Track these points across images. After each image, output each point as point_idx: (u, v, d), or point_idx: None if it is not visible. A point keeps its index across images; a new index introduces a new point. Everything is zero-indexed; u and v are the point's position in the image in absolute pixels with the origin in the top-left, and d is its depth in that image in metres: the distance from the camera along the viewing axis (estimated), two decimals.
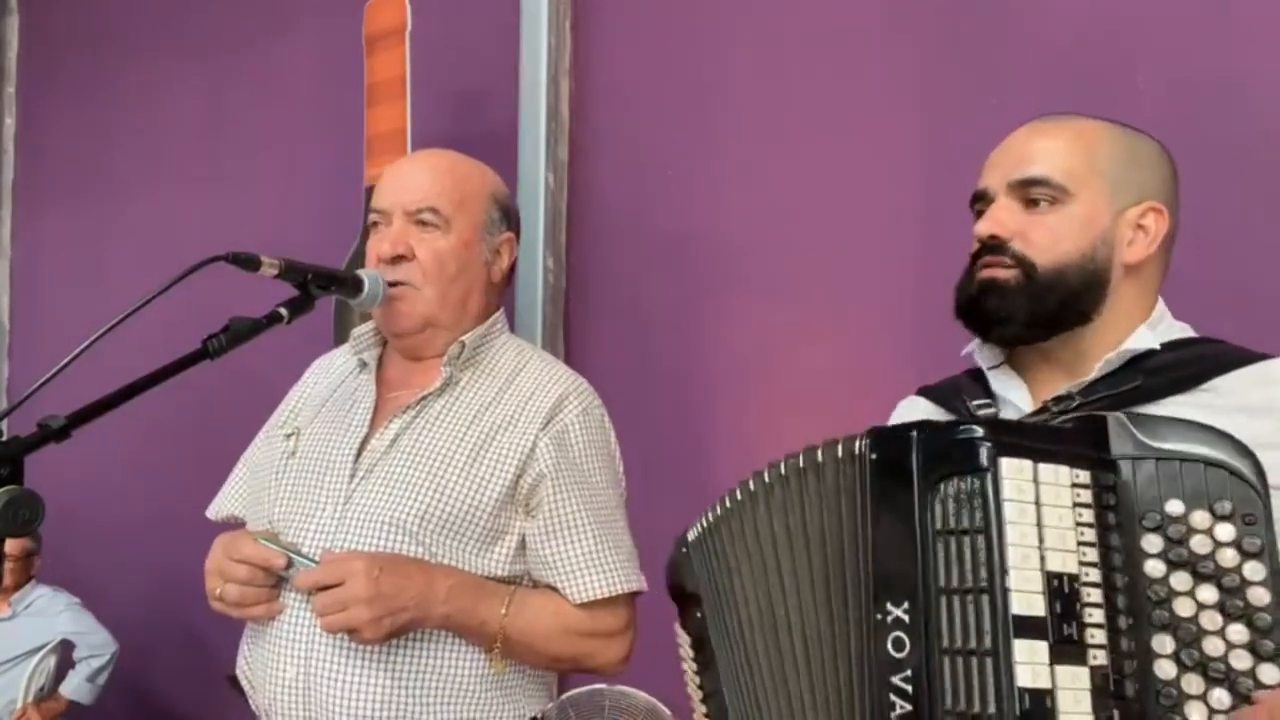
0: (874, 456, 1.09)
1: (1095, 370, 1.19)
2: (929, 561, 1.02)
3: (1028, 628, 0.97)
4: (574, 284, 2.65)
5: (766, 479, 1.19)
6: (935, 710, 0.99)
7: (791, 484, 1.17)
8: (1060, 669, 0.97)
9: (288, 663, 1.56)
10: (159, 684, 3.89)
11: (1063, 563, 0.99)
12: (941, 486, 1.03)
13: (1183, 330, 1.26)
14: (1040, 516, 1.00)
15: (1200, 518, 1.01)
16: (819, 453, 1.15)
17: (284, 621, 1.57)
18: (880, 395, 2.12)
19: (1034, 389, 1.26)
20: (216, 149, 3.66)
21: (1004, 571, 0.98)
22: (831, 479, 1.13)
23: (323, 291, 1.56)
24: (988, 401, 1.26)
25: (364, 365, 1.72)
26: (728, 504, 1.22)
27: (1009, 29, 2.09)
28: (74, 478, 2.90)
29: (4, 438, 1.28)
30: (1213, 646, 0.99)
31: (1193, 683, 0.99)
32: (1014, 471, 1.01)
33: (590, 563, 1.59)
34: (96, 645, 3.67)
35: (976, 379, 1.33)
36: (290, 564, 1.54)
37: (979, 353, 1.31)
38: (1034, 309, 1.20)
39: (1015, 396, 1.25)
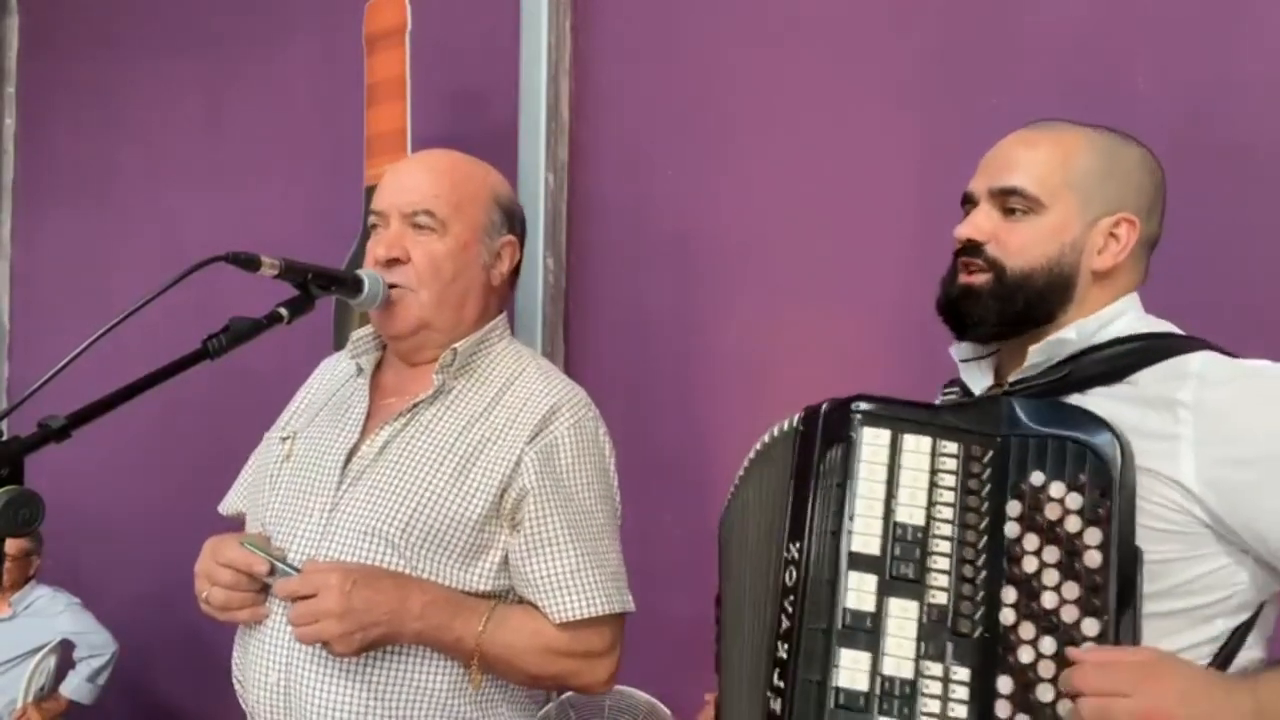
0: (801, 429, 1.32)
1: (1027, 360, 1.30)
2: (813, 510, 1.25)
3: (862, 563, 1.18)
4: (574, 284, 2.65)
5: (756, 450, 1.42)
6: (801, 625, 1.21)
7: (763, 456, 1.39)
8: (891, 600, 1.16)
9: (270, 667, 1.55)
10: (159, 684, 3.89)
11: (910, 515, 1.19)
12: (829, 451, 1.25)
13: (1150, 325, 1.32)
14: (895, 476, 1.20)
15: (1056, 488, 1.16)
16: (780, 426, 1.36)
17: (269, 627, 1.56)
18: (878, 393, 2.11)
19: (1002, 379, 1.37)
20: (216, 149, 3.66)
21: (850, 517, 1.20)
22: (778, 450, 1.35)
23: (323, 291, 1.55)
24: (954, 390, 1.41)
25: (360, 370, 1.71)
26: (740, 472, 1.43)
27: (1008, 29, 2.09)
28: (74, 478, 2.90)
29: (4, 438, 1.28)
30: (1048, 599, 1.13)
31: (1027, 629, 1.13)
32: (872, 438, 1.22)
33: (571, 582, 1.55)
34: (96, 645, 3.67)
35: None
36: (273, 570, 1.53)
37: (956, 349, 1.42)
38: (1003, 309, 1.31)
39: (978, 388, 1.37)
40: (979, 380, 1.37)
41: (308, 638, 1.48)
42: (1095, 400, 1.23)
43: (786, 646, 1.22)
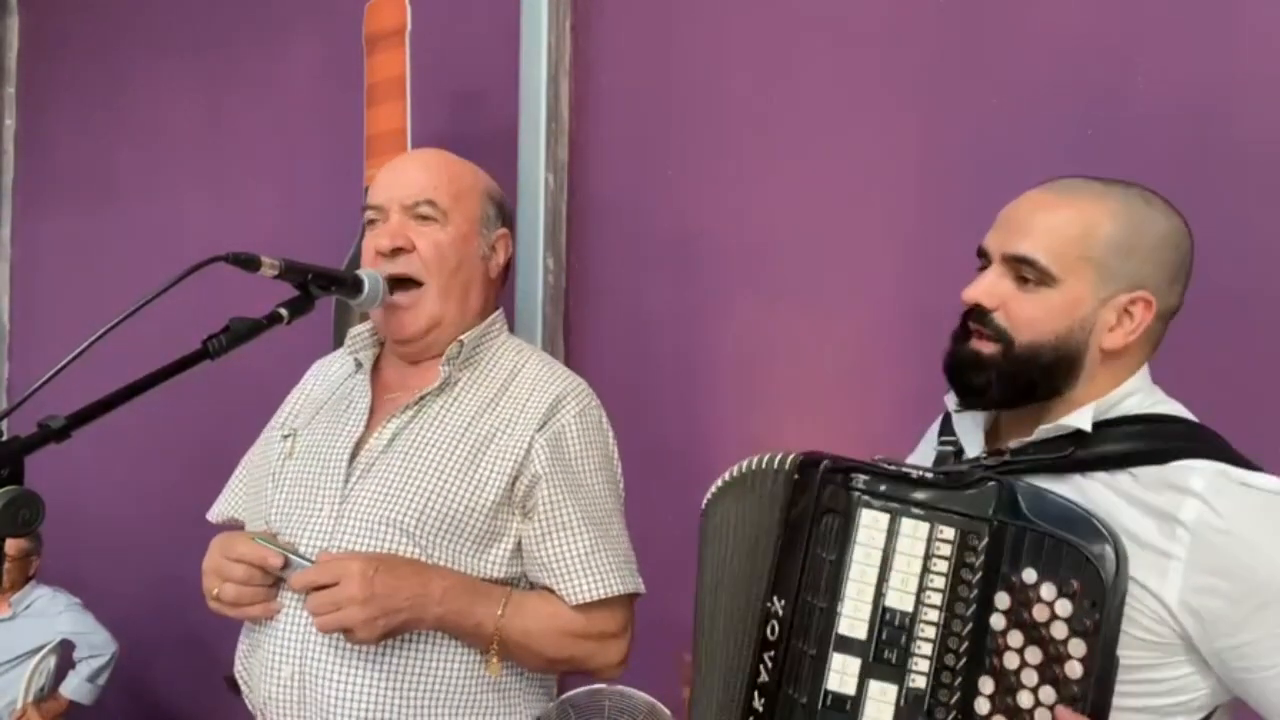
0: (795, 477, 1.29)
1: (1034, 435, 1.27)
2: (804, 574, 1.24)
3: (847, 645, 1.20)
4: (574, 284, 2.65)
5: (739, 470, 1.37)
6: (780, 688, 1.23)
7: (749, 481, 1.35)
8: (872, 682, 1.18)
9: (284, 662, 1.56)
10: (159, 684, 3.89)
11: (900, 601, 1.20)
12: (824, 518, 1.25)
13: (1158, 404, 1.29)
14: (888, 560, 1.21)
15: (1048, 589, 1.15)
16: (771, 460, 1.33)
17: (281, 621, 1.57)
18: (878, 395, 2.12)
19: (994, 439, 1.35)
20: (216, 149, 3.66)
21: (839, 599, 1.21)
22: (769, 485, 1.32)
23: (323, 291, 1.55)
24: (952, 440, 1.38)
25: (359, 366, 1.72)
26: (724, 480, 1.40)
27: (1009, 30, 2.09)
28: (74, 478, 2.90)
29: (4, 438, 1.28)
30: (1024, 699, 1.14)
31: None
32: (870, 521, 1.23)
33: (585, 565, 1.58)
34: (96, 645, 3.67)
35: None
36: (287, 563, 1.54)
37: (950, 397, 1.38)
38: (1007, 384, 1.28)
39: (969, 442, 1.35)
40: (971, 433, 1.35)
41: (330, 626, 1.49)
42: (1095, 487, 1.22)
43: (763, 701, 1.24)
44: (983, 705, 1.15)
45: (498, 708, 1.60)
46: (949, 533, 1.20)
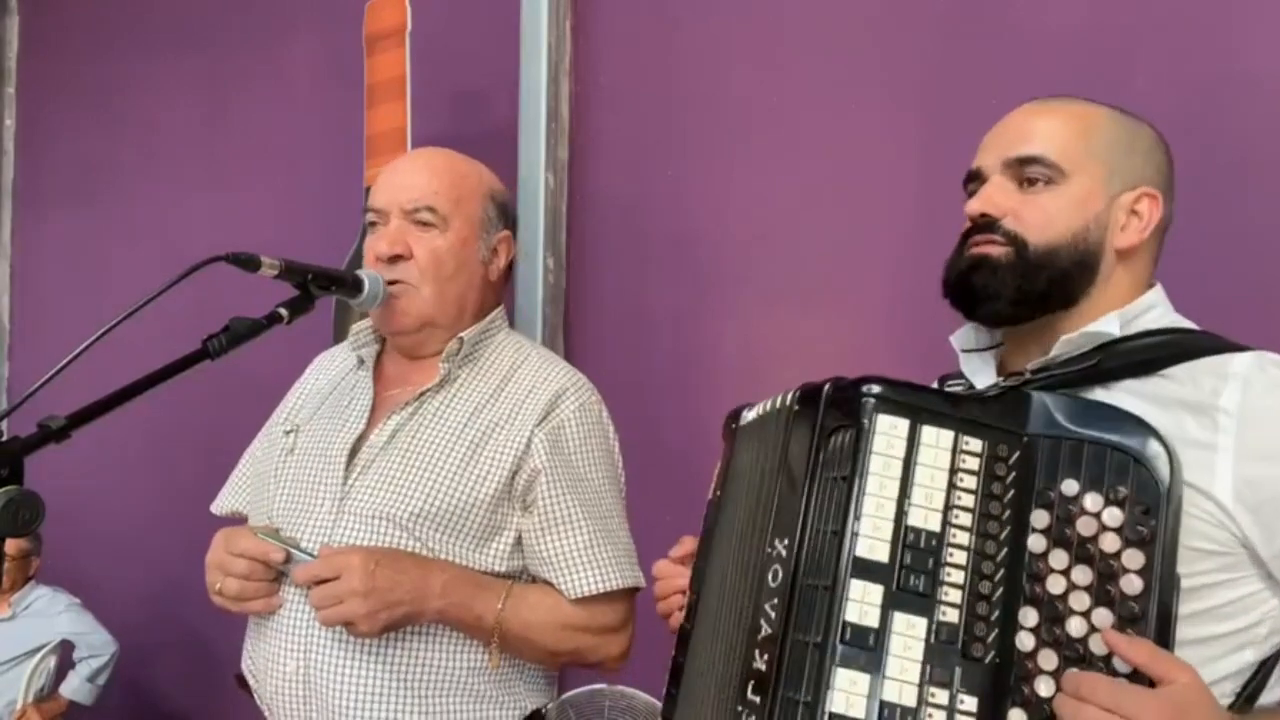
0: (795, 408, 1.16)
1: (1054, 349, 1.18)
2: (810, 504, 1.08)
3: (867, 570, 1.03)
4: (574, 284, 2.65)
5: (749, 420, 1.28)
6: (787, 634, 1.05)
7: (757, 426, 1.26)
8: (897, 614, 1.01)
9: (288, 656, 1.56)
10: (159, 684, 3.89)
11: (925, 519, 1.04)
12: (832, 437, 1.09)
13: (1177, 322, 1.23)
14: (909, 473, 1.05)
15: (1092, 500, 1.03)
16: (773, 402, 1.23)
17: (284, 615, 1.58)
18: None
19: (1006, 373, 1.25)
20: (216, 149, 3.66)
21: (856, 517, 1.04)
22: (770, 426, 1.21)
23: (323, 291, 1.56)
24: (960, 380, 1.28)
25: (361, 362, 1.73)
26: (748, 418, 1.29)
27: (1009, 29, 2.09)
28: (74, 478, 2.90)
29: (4, 438, 1.28)
30: (1076, 626, 1.00)
31: (1049, 658, 1.00)
32: (887, 427, 1.06)
33: (585, 558, 1.59)
34: (96, 645, 3.67)
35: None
36: (289, 558, 1.55)
37: (957, 336, 1.32)
38: (1022, 286, 1.19)
39: (980, 381, 1.25)
40: (982, 373, 1.26)
41: (332, 619, 1.50)
42: (1122, 397, 1.12)
43: (766, 658, 1.07)
44: (1026, 640, 1.01)
45: (500, 698, 1.61)
46: (975, 444, 1.06)
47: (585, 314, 2.65)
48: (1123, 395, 1.13)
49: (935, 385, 1.34)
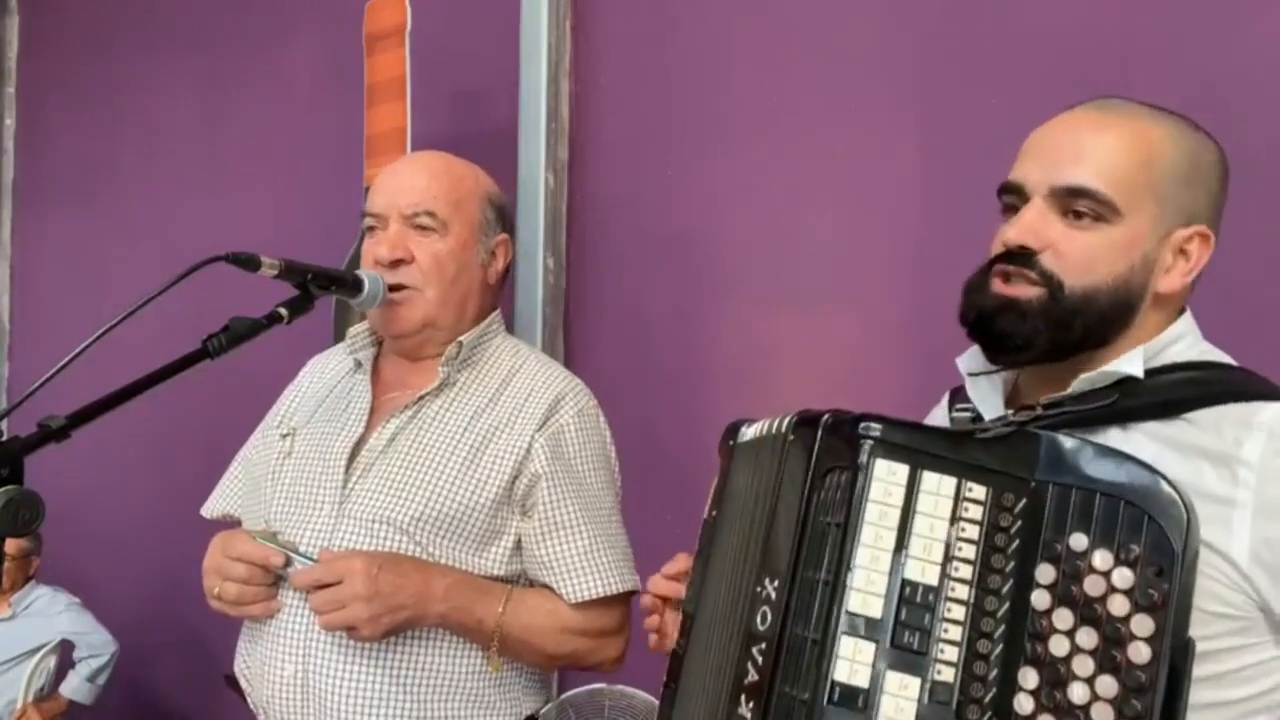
0: (791, 438, 1.11)
1: (1071, 387, 1.09)
2: (802, 546, 1.03)
3: (859, 626, 0.98)
4: (574, 284, 2.65)
5: (750, 435, 1.22)
6: (773, 685, 1.01)
7: (753, 448, 1.19)
8: (889, 673, 0.96)
9: (286, 661, 1.56)
10: (159, 684, 3.89)
11: (922, 572, 0.98)
12: (827, 477, 1.04)
13: (1206, 354, 1.14)
14: (907, 523, 0.99)
15: (1101, 558, 0.96)
16: (769, 425, 1.17)
17: (282, 620, 1.57)
18: (878, 395, 2.12)
19: (1017, 402, 1.17)
20: (216, 149, 3.66)
21: (848, 568, 0.99)
22: (766, 450, 1.15)
23: (323, 292, 1.56)
24: (969, 406, 1.18)
25: (359, 365, 1.72)
26: (746, 436, 1.23)
27: (1009, 29, 2.09)
28: (74, 478, 2.89)
29: (4, 438, 1.28)
30: (1078, 693, 0.95)
31: None
32: (885, 473, 1.00)
33: (585, 563, 1.59)
34: (96, 645, 3.66)
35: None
36: (288, 562, 1.54)
37: (964, 360, 1.22)
38: (1056, 336, 1.09)
39: (987, 408, 1.16)
40: (990, 399, 1.17)
41: (334, 624, 1.50)
42: (1140, 440, 1.05)
43: (752, 706, 1.02)
44: (1025, 703, 0.95)
45: (499, 702, 1.61)
46: (979, 491, 0.99)
47: (585, 314, 2.65)
48: (1140, 438, 1.05)
49: (944, 404, 1.28)
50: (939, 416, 1.29)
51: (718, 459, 1.31)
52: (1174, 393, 1.07)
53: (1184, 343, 1.12)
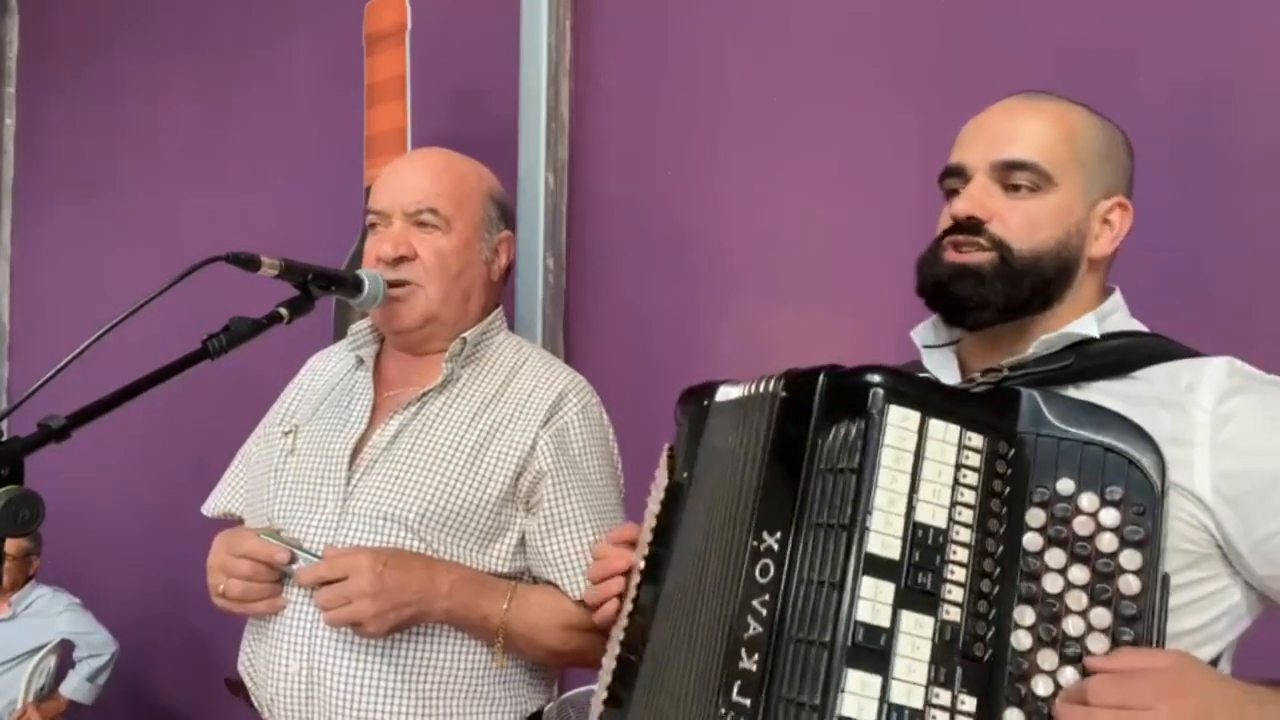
0: (783, 394, 1.14)
1: (1032, 349, 1.19)
2: (808, 497, 1.06)
3: (879, 567, 1.00)
4: (574, 284, 2.65)
5: (733, 394, 1.23)
6: (781, 633, 1.03)
7: (736, 407, 1.22)
8: (905, 613, 0.99)
9: (291, 658, 1.56)
10: (159, 684, 3.89)
11: (932, 515, 1.02)
12: (833, 428, 1.07)
13: (1134, 326, 1.25)
14: (918, 467, 1.03)
15: (1088, 500, 1.03)
16: (751, 385, 1.20)
17: (287, 617, 1.57)
18: None
19: (969, 371, 1.26)
20: (216, 149, 3.66)
21: (867, 511, 1.01)
22: (752, 411, 1.18)
23: (323, 291, 1.56)
24: (925, 373, 1.27)
25: (361, 362, 1.73)
26: (728, 395, 1.25)
27: (1008, 29, 2.09)
28: (74, 478, 2.90)
29: (4, 438, 1.28)
30: (1073, 625, 1.00)
31: (1046, 658, 1.00)
32: (899, 419, 1.04)
33: (589, 560, 1.59)
34: (96, 645, 3.67)
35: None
36: (293, 559, 1.54)
37: (918, 332, 1.31)
38: (1009, 293, 1.19)
39: (944, 376, 1.25)
40: (945, 369, 1.26)
41: (340, 620, 1.49)
42: (1096, 397, 1.13)
43: (756, 657, 1.04)
44: (1023, 639, 1.00)
45: (503, 699, 1.61)
46: (977, 440, 1.05)
47: (585, 314, 2.65)
48: (1097, 395, 1.13)
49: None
50: None
51: (676, 419, 1.33)
52: (1123, 355, 1.17)
53: (1121, 314, 1.24)
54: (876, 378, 1.07)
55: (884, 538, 1.01)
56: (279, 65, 3.47)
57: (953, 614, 1.00)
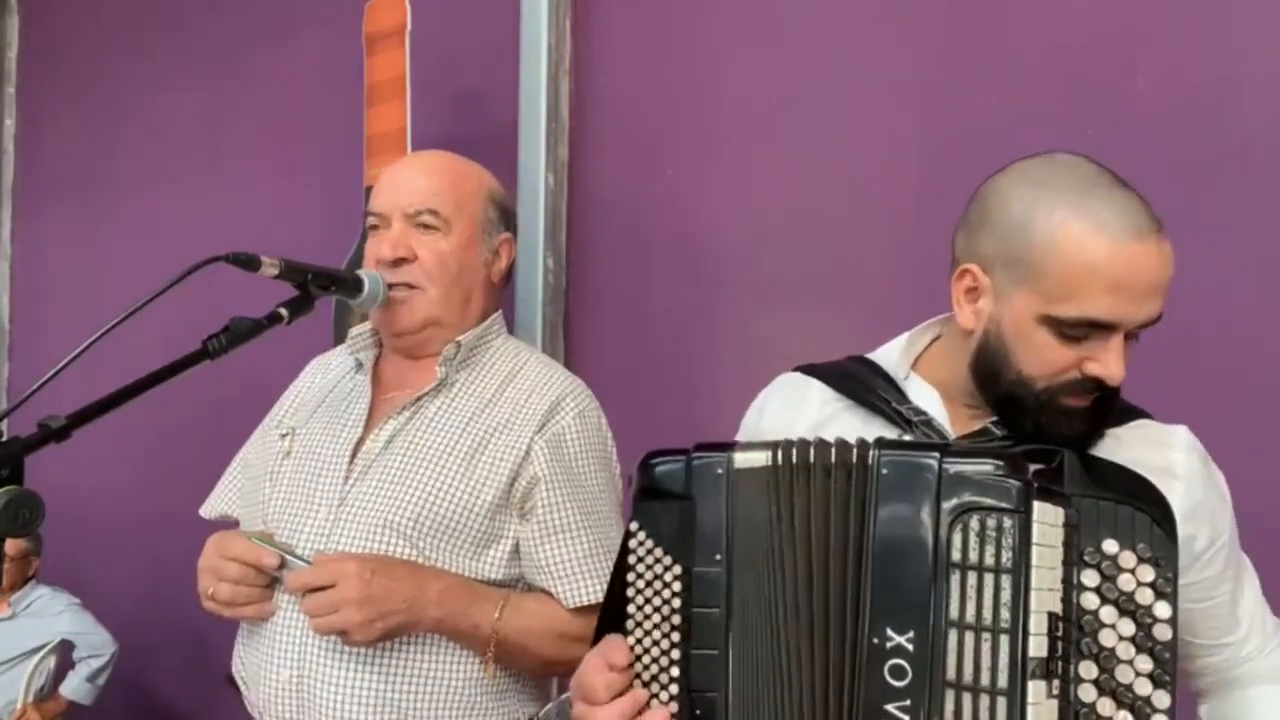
0: (884, 472, 1.08)
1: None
2: (940, 593, 1.03)
3: (1037, 669, 1.03)
4: (574, 284, 2.65)
5: (774, 456, 1.14)
6: None
7: (794, 474, 1.13)
8: (1049, 704, 1.04)
9: (281, 664, 1.55)
10: (159, 684, 3.89)
11: (1054, 602, 1.06)
12: (965, 519, 1.04)
13: None
14: (1053, 560, 1.07)
15: (1128, 558, 1.09)
16: (828, 450, 1.12)
17: (278, 623, 1.56)
18: None
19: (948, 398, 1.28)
20: (216, 149, 3.66)
21: (1027, 613, 1.03)
22: (836, 482, 1.10)
23: (323, 291, 1.56)
24: (920, 409, 1.24)
25: (360, 365, 1.72)
26: (748, 462, 1.14)
27: (1009, 29, 2.09)
28: (74, 478, 2.90)
29: (4, 438, 1.28)
30: (1124, 674, 1.07)
31: (1106, 706, 1.07)
32: (1044, 515, 1.05)
33: (584, 567, 1.58)
34: (96, 645, 3.67)
35: (875, 372, 1.33)
36: (283, 563, 1.53)
37: (897, 358, 1.32)
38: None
39: (934, 409, 1.25)
40: (931, 402, 1.27)
41: (326, 628, 1.48)
42: (1099, 452, 1.20)
43: None
44: (1089, 691, 1.07)
45: (492, 706, 1.60)
46: (1062, 515, 1.08)
47: (585, 314, 2.65)
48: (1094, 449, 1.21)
49: (854, 364, 1.38)
50: (793, 398, 1.39)
51: (653, 489, 1.20)
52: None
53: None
54: (1007, 468, 1.06)
55: (1039, 639, 1.03)
56: (279, 65, 3.46)
57: (1055, 685, 1.06)
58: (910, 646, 1.03)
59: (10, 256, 4.48)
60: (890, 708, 1.03)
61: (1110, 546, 1.09)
